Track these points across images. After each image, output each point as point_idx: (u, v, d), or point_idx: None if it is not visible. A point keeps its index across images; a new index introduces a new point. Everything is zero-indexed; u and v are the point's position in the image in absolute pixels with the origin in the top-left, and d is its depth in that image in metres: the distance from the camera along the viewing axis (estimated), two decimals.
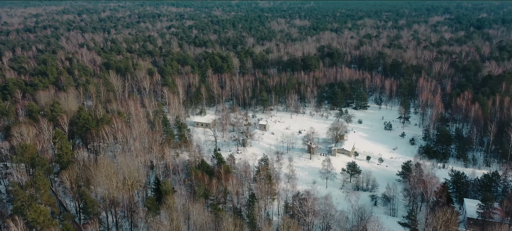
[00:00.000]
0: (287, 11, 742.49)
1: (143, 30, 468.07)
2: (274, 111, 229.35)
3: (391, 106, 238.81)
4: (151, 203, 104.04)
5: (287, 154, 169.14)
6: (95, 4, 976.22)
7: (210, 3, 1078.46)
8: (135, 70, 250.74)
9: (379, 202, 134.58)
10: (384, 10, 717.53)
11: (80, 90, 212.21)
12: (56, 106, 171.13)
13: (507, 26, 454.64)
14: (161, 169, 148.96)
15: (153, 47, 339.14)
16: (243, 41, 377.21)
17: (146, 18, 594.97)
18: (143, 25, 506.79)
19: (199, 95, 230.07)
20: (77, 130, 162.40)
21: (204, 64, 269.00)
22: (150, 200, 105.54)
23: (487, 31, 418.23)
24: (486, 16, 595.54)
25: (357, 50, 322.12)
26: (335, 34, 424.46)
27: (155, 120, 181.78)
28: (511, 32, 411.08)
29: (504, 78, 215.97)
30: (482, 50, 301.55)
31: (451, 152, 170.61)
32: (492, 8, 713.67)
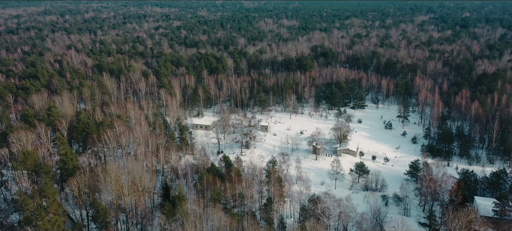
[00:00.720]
0: (274, 11, 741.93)
1: (131, 31, 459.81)
2: (273, 111, 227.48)
3: (388, 105, 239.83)
4: (168, 209, 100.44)
5: (292, 156, 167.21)
6: (77, 4, 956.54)
7: (195, 3, 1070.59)
8: (128, 72, 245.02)
9: (390, 202, 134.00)
10: (369, 10, 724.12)
11: (74, 93, 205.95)
12: (53, 110, 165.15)
13: (491, 25, 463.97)
14: (167, 173, 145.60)
15: (144, 48, 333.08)
16: (234, 42, 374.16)
17: (132, 18, 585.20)
18: (129, 26, 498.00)
19: (196, 97, 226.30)
20: (77, 135, 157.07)
21: (199, 65, 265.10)
22: (167, 206, 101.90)
23: (473, 30, 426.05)
24: (469, 15, 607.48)
25: (350, 50, 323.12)
26: (325, 34, 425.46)
27: (156, 123, 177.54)
28: (496, 31, 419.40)
29: (499, 76, 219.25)
30: (472, 49, 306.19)
31: (453, 150, 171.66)
32: (473, 8, 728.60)
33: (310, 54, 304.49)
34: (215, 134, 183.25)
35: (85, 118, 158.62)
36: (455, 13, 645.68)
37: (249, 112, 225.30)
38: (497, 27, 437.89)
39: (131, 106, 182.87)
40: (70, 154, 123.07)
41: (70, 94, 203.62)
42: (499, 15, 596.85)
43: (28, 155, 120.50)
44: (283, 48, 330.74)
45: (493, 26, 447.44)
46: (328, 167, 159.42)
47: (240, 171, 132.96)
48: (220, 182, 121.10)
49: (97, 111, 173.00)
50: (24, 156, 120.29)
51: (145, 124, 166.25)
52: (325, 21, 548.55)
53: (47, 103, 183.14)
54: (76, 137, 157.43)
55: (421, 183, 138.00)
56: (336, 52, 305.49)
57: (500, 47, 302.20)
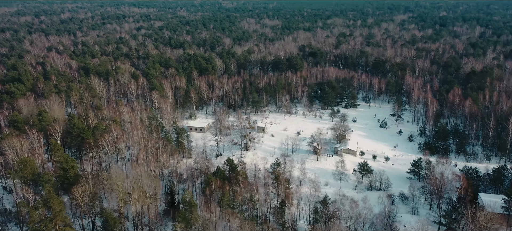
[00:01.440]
0: (254, 11, 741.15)
1: (111, 31, 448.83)
2: (267, 112, 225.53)
3: (380, 103, 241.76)
4: (183, 217, 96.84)
5: (293, 157, 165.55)
6: (50, 4, 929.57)
7: (173, 3, 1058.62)
8: (117, 74, 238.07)
9: (397, 202, 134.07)
10: (349, 10, 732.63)
11: (62, 97, 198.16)
12: (45, 115, 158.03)
13: (469, 23, 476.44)
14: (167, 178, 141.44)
15: (128, 49, 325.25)
16: (220, 42, 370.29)
17: (111, 19, 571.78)
18: (110, 27, 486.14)
19: (188, 98, 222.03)
20: (71, 141, 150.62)
21: (188, 66, 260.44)
22: (181, 213, 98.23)
23: (453, 29, 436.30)
24: (446, 14, 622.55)
25: (337, 49, 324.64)
26: (310, 33, 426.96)
27: (152, 126, 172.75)
28: (475, 29, 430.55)
29: (487, 73, 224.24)
30: (456, 47, 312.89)
31: (450, 147, 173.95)
32: (449, 7, 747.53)
33: (298, 53, 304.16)
34: (213, 137, 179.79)
35: (79, 123, 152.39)
36: (432, 12, 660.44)
37: (243, 113, 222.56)
38: (475, 26, 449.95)
39: (125, 109, 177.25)
40: (71, 161, 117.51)
41: (58, 97, 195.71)
42: (474, 14, 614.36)
43: (25, 164, 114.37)
44: (271, 48, 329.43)
45: (471, 25, 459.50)
46: (330, 167, 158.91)
47: (246, 174, 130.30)
48: (229, 186, 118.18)
49: (90, 115, 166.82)
50: (21, 165, 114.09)
51: (141, 127, 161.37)
52: (307, 20, 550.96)
53: (36, 108, 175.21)
54: (70, 142, 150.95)
55: (424, 181, 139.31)
56: (325, 52, 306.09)
57: (483, 45, 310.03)
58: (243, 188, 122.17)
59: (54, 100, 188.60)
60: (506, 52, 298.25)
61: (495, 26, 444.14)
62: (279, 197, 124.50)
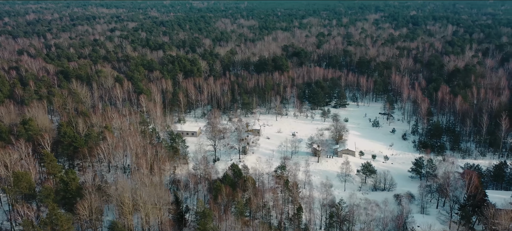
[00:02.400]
0: (227, 11, 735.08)
1: (84, 33, 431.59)
2: (257, 114, 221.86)
3: (368, 102, 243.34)
4: (203, 227, 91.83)
5: (293, 159, 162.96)
6: (12, 5, 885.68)
7: (142, 3, 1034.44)
8: (99, 78, 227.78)
9: (403, 202, 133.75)
10: (321, 9, 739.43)
11: (43, 104, 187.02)
12: (32, 124, 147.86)
13: (440, 22, 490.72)
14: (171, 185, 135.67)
15: (106, 52, 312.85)
16: (200, 43, 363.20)
17: (81, 20, 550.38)
18: (81, 28, 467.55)
19: (176, 102, 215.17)
20: (62, 150, 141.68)
21: (173, 69, 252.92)
22: (201, 224, 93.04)
23: (427, 28, 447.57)
24: (416, 13, 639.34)
25: (319, 49, 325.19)
26: (288, 33, 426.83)
27: (145, 132, 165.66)
28: (447, 28, 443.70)
29: (471, 71, 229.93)
30: (435, 45, 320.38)
31: (444, 144, 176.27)
32: (417, 6, 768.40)
33: (282, 54, 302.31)
34: (210, 141, 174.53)
35: (70, 131, 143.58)
36: (402, 11, 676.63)
37: (233, 116, 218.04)
38: (447, 25, 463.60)
39: (117, 115, 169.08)
40: (71, 173, 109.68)
41: (39, 104, 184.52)
42: (442, 13, 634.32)
43: (21, 177, 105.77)
44: (253, 49, 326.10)
45: (443, 24, 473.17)
46: (332, 169, 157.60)
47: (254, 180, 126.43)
48: (241, 193, 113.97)
49: (79, 122, 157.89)
50: (17, 179, 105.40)
51: (136, 134, 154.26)
52: (283, 20, 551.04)
53: (18, 116, 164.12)
54: (62, 152, 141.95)
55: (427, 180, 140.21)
56: (308, 52, 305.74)
57: (460, 43, 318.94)
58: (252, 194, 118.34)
59: (36, 107, 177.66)
60: (482, 50, 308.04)
61: (465, 25, 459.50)
62: (288, 202, 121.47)
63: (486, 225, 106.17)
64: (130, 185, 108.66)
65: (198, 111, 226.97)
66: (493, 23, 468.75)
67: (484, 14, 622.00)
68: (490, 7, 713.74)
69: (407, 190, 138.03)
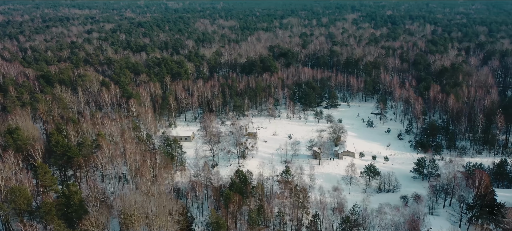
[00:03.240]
0: (205, 12, 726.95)
1: (59, 35, 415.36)
2: (250, 116, 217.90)
3: (358, 102, 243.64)
4: None
5: (294, 163, 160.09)
6: None
7: (115, 3, 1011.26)
8: (84, 82, 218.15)
9: (410, 203, 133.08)
10: (299, 9, 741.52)
11: (27, 111, 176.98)
12: (20, 133, 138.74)
13: (418, 22, 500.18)
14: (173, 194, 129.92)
15: (86, 55, 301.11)
16: (183, 44, 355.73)
17: (54, 22, 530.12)
18: (55, 30, 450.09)
19: (166, 106, 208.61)
20: (55, 161, 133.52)
21: (160, 71, 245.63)
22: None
23: (407, 27, 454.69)
24: (392, 13, 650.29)
25: (305, 49, 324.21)
26: (271, 33, 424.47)
27: (140, 138, 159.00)
28: (425, 27, 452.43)
29: (458, 69, 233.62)
30: (419, 45, 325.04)
31: (441, 144, 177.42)
32: (392, 6, 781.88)
33: (269, 54, 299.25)
34: (207, 146, 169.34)
35: (63, 140, 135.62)
36: (378, 11, 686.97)
37: (225, 119, 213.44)
38: (424, 24, 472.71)
39: (108, 121, 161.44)
40: (73, 186, 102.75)
41: (23, 111, 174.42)
42: (417, 12, 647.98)
43: (19, 192, 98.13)
44: (239, 50, 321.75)
45: (421, 23, 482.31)
46: (333, 171, 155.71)
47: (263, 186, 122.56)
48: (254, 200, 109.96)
49: (70, 130, 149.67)
50: (14, 194, 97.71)
51: (132, 141, 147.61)
52: (263, 20, 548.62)
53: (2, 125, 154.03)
54: (54, 163, 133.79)
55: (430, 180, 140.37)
56: (295, 52, 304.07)
57: (442, 42, 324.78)
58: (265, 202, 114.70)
59: (20, 114, 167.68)
60: (464, 48, 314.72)
61: (442, 24, 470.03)
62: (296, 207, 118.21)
63: (500, 225, 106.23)
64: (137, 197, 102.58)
65: (189, 115, 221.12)
66: (468, 22, 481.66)
67: (457, 13, 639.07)
68: (461, 7, 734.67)
69: (414, 191, 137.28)
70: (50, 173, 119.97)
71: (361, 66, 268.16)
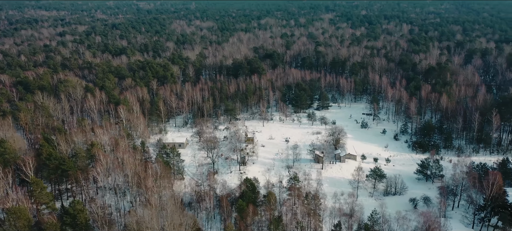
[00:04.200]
0: (179, 12, 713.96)
1: (30, 38, 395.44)
2: (242, 120, 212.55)
3: (349, 103, 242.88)
4: None
5: (296, 167, 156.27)
6: None
7: (84, 4, 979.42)
8: (66, 88, 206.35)
9: (420, 206, 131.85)
10: (274, 9, 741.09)
11: (8, 120, 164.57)
12: (7, 146, 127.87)
13: (394, 21, 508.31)
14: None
15: (62, 59, 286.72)
16: (163, 46, 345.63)
17: (22, 24, 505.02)
18: (25, 33, 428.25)
19: (155, 111, 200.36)
20: (49, 175, 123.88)
21: (146, 75, 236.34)
22: None
23: (385, 27, 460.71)
24: (366, 13, 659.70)
25: (289, 50, 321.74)
26: (251, 34, 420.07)
27: (136, 147, 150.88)
28: (402, 26, 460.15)
29: (445, 68, 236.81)
30: (401, 44, 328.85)
31: (438, 143, 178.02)
32: (365, 6, 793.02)
33: (255, 56, 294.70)
34: (202, 152, 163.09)
35: (56, 153, 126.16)
36: (353, 11, 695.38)
37: (217, 123, 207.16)
38: (400, 24, 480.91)
39: (100, 130, 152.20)
40: (78, 204, 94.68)
41: (4, 121, 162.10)
42: (390, 12, 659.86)
43: (19, 213, 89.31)
44: (223, 51, 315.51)
45: (397, 23, 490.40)
46: (337, 175, 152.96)
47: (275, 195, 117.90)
48: (270, 210, 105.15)
49: (60, 140, 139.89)
50: (14, 215, 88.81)
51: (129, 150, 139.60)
52: (241, 21, 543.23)
53: None
54: (47, 177, 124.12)
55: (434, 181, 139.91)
56: (281, 53, 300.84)
57: (423, 42, 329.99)
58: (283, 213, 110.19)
59: (2, 124, 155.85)
60: (444, 47, 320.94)
61: (418, 24, 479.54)
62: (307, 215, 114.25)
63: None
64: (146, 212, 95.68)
65: (179, 120, 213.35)
66: (442, 21, 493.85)
67: (428, 13, 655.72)
68: (431, 6, 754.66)
69: (422, 193, 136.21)
70: (46, 189, 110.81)
71: (348, 66, 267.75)
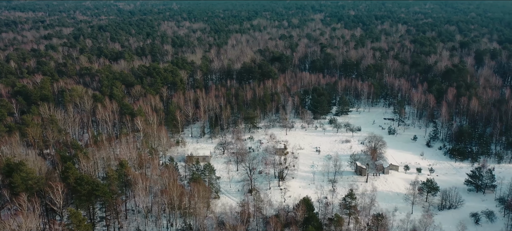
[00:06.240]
0: (164, 13, 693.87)
1: (13, 42, 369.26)
2: (263, 128, 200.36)
3: (367, 108, 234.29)
4: None
5: (338, 181, 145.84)
6: None
7: (59, 4, 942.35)
8: (71, 98, 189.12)
9: (482, 221, 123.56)
10: (263, 10, 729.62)
11: (15, 137, 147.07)
12: (27, 169, 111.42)
13: (388, 22, 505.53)
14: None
15: (56, 64, 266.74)
16: (161, 50, 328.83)
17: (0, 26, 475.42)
18: (6, 36, 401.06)
19: (171, 121, 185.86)
20: (80, 203, 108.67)
21: (155, 82, 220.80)
22: None
23: (383, 27, 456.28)
24: (354, 13, 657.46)
25: (295, 52, 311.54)
26: (248, 36, 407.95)
27: (168, 166, 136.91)
28: (398, 26, 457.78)
29: (464, 71, 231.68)
30: (407, 46, 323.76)
31: (477, 150, 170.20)
32: (350, 6, 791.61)
33: (262, 59, 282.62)
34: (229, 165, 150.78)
35: (88, 177, 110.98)
36: (340, 11, 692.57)
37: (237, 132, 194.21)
38: (394, 24, 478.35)
39: (127, 146, 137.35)
40: None
41: (11, 138, 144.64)
42: (378, 12, 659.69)
43: None
44: (227, 54, 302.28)
45: (391, 24, 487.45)
46: (384, 188, 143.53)
47: (342, 218, 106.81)
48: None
49: (83, 159, 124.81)
50: None
51: (161, 168, 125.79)
52: (233, 22, 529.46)
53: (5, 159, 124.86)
54: (80, 205, 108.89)
55: (485, 192, 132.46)
56: (289, 56, 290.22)
57: (428, 43, 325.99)
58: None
59: (10, 142, 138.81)
60: (449, 48, 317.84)
61: (413, 24, 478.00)
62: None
63: None
64: None
65: (195, 130, 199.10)
66: (435, 21, 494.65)
67: (414, 13, 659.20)
68: (416, 6, 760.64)
69: (479, 206, 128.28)
70: (85, 222, 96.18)
71: (362, 69, 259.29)
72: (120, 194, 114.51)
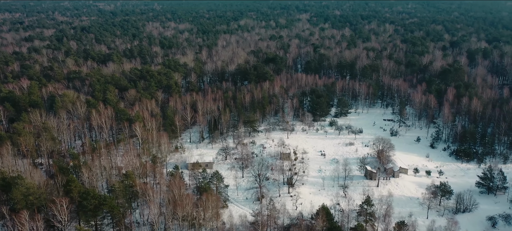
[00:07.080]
0: (147, 14, 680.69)
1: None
2: (264, 132, 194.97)
3: (366, 109, 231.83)
4: None
5: (349, 186, 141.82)
6: None
7: (36, 4, 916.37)
8: (63, 103, 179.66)
9: (500, 225, 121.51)
10: (245, 10, 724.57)
11: (7, 146, 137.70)
12: (26, 183, 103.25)
13: (375, 22, 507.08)
14: None
15: (41, 68, 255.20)
16: (150, 52, 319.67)
17: None
18: None
19: (169, 126, 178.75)
20: (86, 218, 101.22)
21: (149, 85, 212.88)
22: None
23: (371, 28, 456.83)
24: (340, 13, 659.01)
25: (288, 53, 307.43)
26: (237, 37, 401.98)
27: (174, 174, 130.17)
28: (385, 26, 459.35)
29: (461, 70, 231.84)
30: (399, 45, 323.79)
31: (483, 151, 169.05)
32: (334, 6, 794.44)
33: (256, 60, 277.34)
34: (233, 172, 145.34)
35: (94, 191, 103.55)
36: (325, 11, 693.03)
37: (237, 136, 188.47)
38: (382, 24, 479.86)
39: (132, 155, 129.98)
40: None
41: (2, 148, 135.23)
42: (362, 12, 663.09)
43: None
44: (219, 56, 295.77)
45: (378, 23, 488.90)
46: (396, 192, 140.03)
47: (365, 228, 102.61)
48: None
49: (85, 170, 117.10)
50: None
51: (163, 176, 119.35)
52: (219, 23, 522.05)
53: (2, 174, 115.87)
54: (86, 220, 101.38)
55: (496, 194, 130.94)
56: (284, 57, 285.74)
57: (421, 42, 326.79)
58: None
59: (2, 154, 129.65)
60: (439, 47, 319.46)
61: (400, 24, 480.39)
62: None
63: None
64: None
65: (193, 134, 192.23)
66: (422, 21, 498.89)
67: (398, 12, 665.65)
68: (399, 6, 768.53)
69: (494, 209, 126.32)
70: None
71: (358, 69, 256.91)
72: (128, 207, 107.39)
